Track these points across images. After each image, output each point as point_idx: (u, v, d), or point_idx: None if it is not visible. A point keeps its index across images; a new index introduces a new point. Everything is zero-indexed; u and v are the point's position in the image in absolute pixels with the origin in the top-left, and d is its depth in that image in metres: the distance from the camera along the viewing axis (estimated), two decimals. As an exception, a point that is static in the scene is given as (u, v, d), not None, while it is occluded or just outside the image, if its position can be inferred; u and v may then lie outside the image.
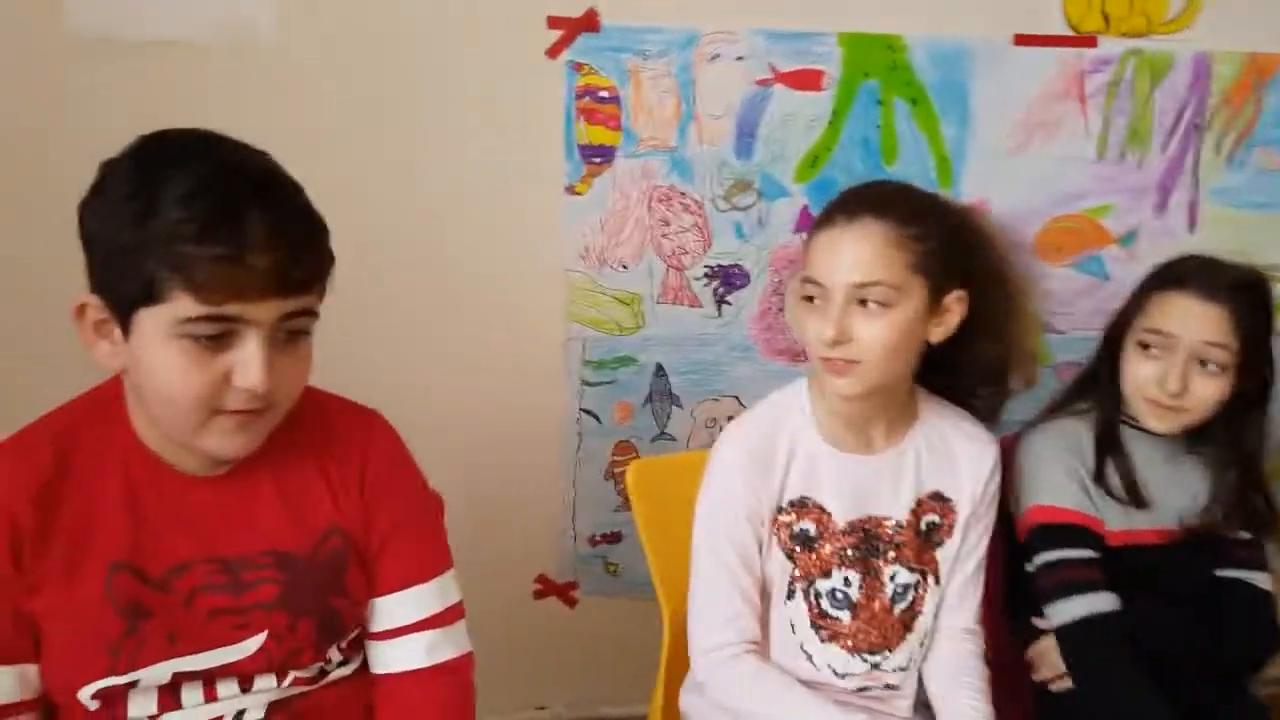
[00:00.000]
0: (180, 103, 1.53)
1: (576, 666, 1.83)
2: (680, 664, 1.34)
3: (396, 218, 1.63)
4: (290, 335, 0.92)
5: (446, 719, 1.07)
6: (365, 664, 1.10)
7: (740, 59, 1.69)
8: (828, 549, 1.21)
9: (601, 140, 1.69)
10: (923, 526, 1.24)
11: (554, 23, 1.63)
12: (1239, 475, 1.32)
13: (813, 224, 1.20)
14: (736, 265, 1.76)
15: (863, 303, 1.12)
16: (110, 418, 0.98)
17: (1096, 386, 1.37)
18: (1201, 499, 1.33)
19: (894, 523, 1.23)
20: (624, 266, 1.74)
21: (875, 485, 1.22)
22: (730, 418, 1.77)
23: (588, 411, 1.78)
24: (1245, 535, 1.35)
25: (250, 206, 0.86)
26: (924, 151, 1.76)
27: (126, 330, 0.90)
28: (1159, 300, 1.30)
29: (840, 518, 1.21)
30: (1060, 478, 1.31)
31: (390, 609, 1.06)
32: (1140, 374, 1.30)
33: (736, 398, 1.80)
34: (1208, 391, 1.27)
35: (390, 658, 1.07)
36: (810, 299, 1.16)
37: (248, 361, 0.88)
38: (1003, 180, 1.78)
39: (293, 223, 0.89)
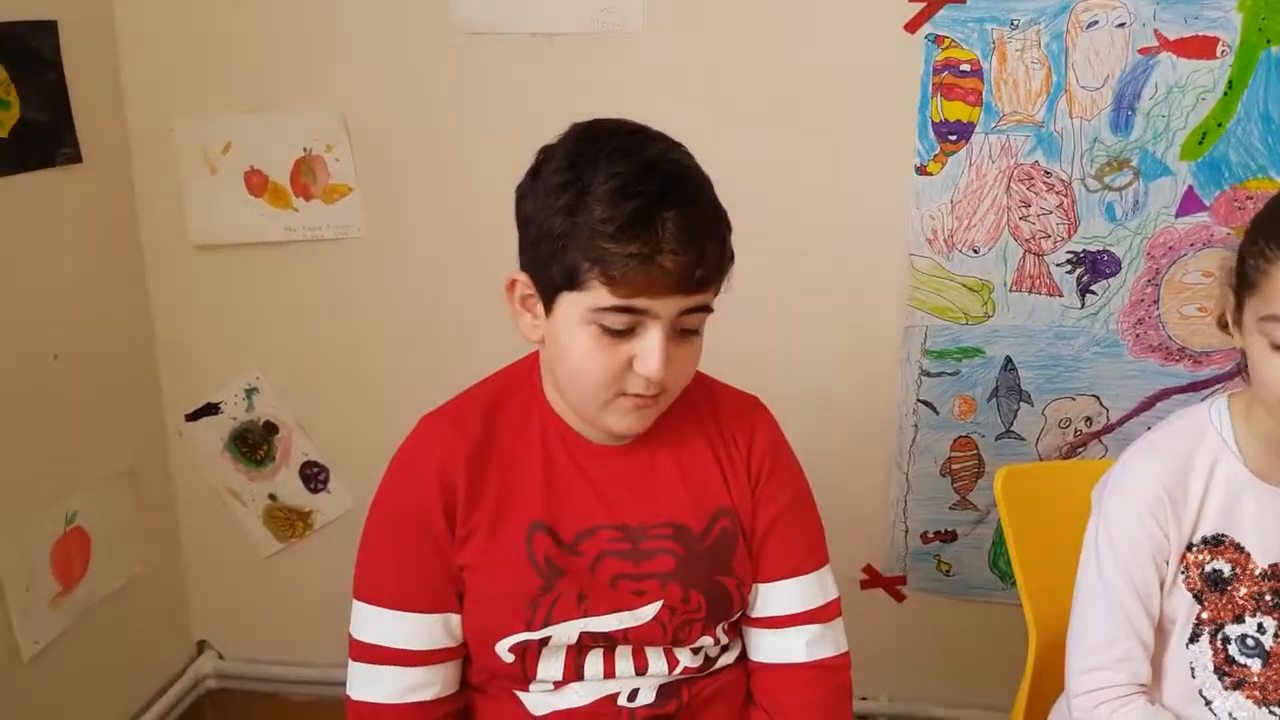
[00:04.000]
0: (560, 92, 1.63)
1: (902, 662, 1.79)
2: (1044, 682, 1.28)
3: (747, 199, 1.62)
4: (680, 333, 0.96)
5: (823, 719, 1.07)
6: (744, 653, 1.12)
7: (1121, 26, 1.53)
8: (1243, 592, 1.09)
9: (959, 116, 1.60)
10: (1357, 573, 1.09)
11: (915, -7, 1.55)
12: None
13: (1268, 243, 1.00)
14: (1106, 251, 1.62)
15: None
16: (528, 390, 1.06)
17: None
18: None
19: (1324, 567, 1.09)
20: (975, 251, 1.64)
21: (1305, 524, 1.09)
22: (1089, 420, 1.68)
23: (925, 403, 1.71)
24: None
25: (666, 209, 0.90)
26: (1340, 126, 1.53)
27: (549, 309, 0.96)
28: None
29: (1262, 559, 1.08)
30: None
31: (772, 597, 1.08)
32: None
33: (1097, 398, 1.67)
34: None
35: (770, 647, 1.09)
36: None
37: (649, 351, 0.93)
38: None
39: (701, 227, 0.92)
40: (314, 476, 1.96)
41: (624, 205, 0.89)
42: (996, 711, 1.47)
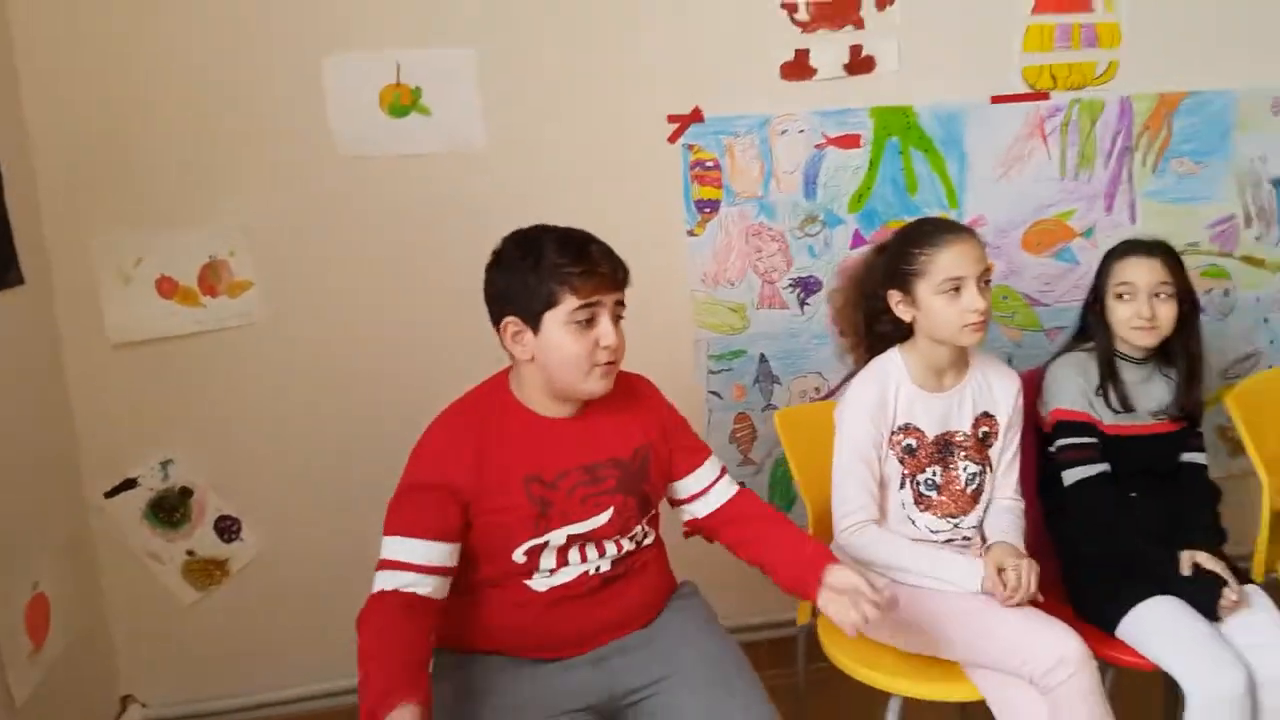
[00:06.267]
0: (425, 198, 2.18)
1: (723, 586, 2.19)
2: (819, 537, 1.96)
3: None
4: (616, 318, 1.57)
5: (764, 509, 1.75)
6: (657, 539, 1.72)
7: (802, 131, 2.34)
8: (922, 454, 1.86)
9: (710, 195, 2.33)
10: (980, 435, 1.89)
11: (672, 119, 2.29)
12: (1187, 369, 1.93)
13: (921, 248, 1.80)
14: (812, 276, 2.41)
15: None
16: (502, 393, 1.63)
17: (1093, 332, 1.97)
18: (1166, 404, 1.97)
19: (962, 434, 1.88)
20: (732, 284, 2.37)
21: (948, 411, 1.87)
22: (817, 389, 2.45)
23: (714, 392, 2.41)
24: (1197, 430, 1.99)
25: (591, 245, 1.56)
26: (937, 184, 2.42)
27: (536, 330, 1.54)
28: (1120, 265, 1.94)
29: (930, 434, 1.86)
30: (1073, 391, 1.93)
31: (695, 479, 1.74)
32: (1122, 314, 1.93)
33: (819, 373, 2.44)
34: (1168, 311, 1.90)
35: (710, 502, 1.74)
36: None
37: (605, 330, 1.55)
38: (994, 199, 2.44)
39: (611, 251, 1.59)
40: (228, 528, 2.26)
41: (570, 247, 1.53)
42: (792, 607, 2.11)
